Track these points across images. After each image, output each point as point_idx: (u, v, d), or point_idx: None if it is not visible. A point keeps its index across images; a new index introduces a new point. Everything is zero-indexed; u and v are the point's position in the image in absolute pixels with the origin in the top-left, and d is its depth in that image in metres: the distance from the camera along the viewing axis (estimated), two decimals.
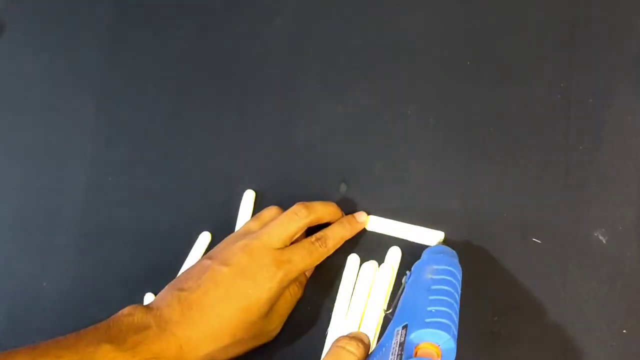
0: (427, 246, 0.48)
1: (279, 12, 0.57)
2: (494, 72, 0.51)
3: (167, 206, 0.55)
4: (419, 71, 0.53)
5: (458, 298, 0.41)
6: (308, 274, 0.50)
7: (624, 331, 0.45)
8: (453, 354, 0.37)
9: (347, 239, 0.48)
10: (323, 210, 0.48)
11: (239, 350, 0.45)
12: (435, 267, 0.42)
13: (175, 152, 0.56)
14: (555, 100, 0.50)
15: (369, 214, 0.50)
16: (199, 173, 0.55)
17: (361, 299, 0.48)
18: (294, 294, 0.48)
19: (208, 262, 0.45)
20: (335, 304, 0.48)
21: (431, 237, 0.49)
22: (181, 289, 0.44)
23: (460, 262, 0.46)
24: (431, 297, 0.39)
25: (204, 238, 0.53)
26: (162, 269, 0.47)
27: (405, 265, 0.49)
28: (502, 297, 0.47)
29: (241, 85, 0.57)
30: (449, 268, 0.42)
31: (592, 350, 0.45)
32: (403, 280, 0.44)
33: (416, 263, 0.44)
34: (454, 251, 0.45)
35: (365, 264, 0.49)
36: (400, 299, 0.42)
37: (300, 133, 0.54)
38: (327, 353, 0.38)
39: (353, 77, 0.54)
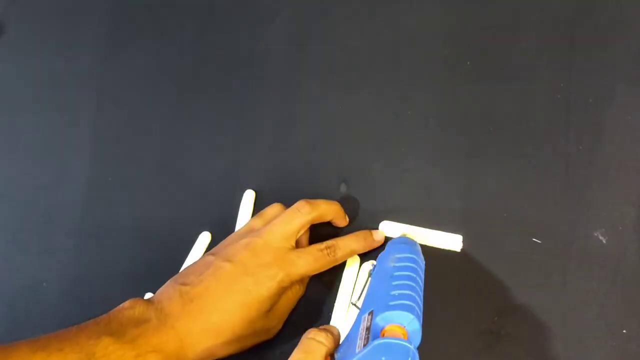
0: (444, 250, 0.48)
1: (279, 12, 0.57)
2: (494, 72, 0.51)
3: (167, 206, 0.55)
4: (419, 71, 0.53)
5: (421, 284, 0.42)
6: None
7: (624, 331, 0.45)
8: (419, 335, 0.38)
9: (358, 253, 0.48)
10: (326, 208, 0.48)
11: (240, 346, 0.45)
12: (397, 255, 0.43)
13: (175, 152, 0.56)
14: (555, 100, 0.50)
15: (368, 213, 0.50)
16: (199, 173, 0.55)
17: (361, 298, 0.48)
18: (295, 292, 0.48)
19: (211, 258, 0.45)
20: (336, 304, 0.48)
21: (450, 241, 0.48)
22: (183, 284, 0.44)
23: (460, 262, 0.46)
24: (394, 283, 0.40)
25: (204, 238, 0.53)
26: (162, 269, 0.47)
27: None
28: (502, 297, 0.47)
29: (241, 85, 0.57)
30: (411, 255, 0.43)
31: (592, 350, 0.45)
32: (368, 272, 0.45)
33: (380, 254, 0.45)
34: (415, 241, 0.46)
35: (366, 264, 0.49)
36: (366, 289, 0.44)
37: (300, 133, 0.54)
38: (298, 345, 0.39)
39: (353, 77, 0.54)
